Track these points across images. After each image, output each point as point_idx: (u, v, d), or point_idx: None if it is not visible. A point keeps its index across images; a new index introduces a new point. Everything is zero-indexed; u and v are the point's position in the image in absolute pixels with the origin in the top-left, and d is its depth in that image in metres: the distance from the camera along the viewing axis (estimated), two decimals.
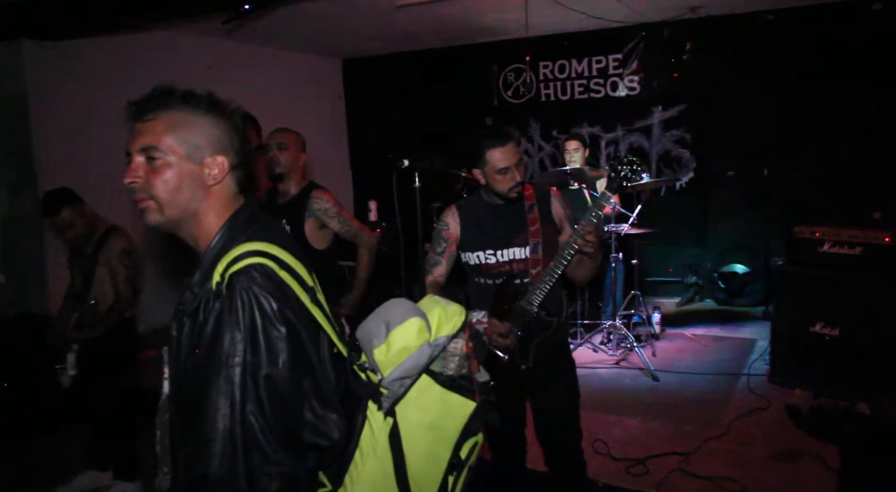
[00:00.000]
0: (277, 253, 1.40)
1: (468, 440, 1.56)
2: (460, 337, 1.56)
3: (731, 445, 3.94)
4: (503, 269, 2.75)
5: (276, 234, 1.49)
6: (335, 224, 3.43)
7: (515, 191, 2.66)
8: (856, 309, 4.33)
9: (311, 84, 8.22)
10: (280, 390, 1.32)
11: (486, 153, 2.65)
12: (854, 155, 6.18)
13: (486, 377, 1.62)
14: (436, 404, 1.51)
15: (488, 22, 6.58)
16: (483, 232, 2.78)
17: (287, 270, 1.39)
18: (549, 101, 7.60)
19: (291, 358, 1.33)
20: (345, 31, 6.72)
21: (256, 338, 1.31)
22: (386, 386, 1.50)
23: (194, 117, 1.46)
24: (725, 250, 6.95)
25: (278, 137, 3.47)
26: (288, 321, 1.34)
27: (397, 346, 1.49)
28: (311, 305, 1.41)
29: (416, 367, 1.50)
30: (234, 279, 1.34)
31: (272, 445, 1.29)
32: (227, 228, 1.47)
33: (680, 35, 6.74)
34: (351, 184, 8.78)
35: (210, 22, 5.50)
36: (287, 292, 1.37)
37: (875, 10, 6.02)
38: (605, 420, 4.34)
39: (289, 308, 1.35)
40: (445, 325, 1.55)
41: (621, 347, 5.55)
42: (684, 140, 7.07)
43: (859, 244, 4.40)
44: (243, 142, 1.52)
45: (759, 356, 5.23)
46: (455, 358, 1.56)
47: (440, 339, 1.53)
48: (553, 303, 2.71)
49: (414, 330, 1.51)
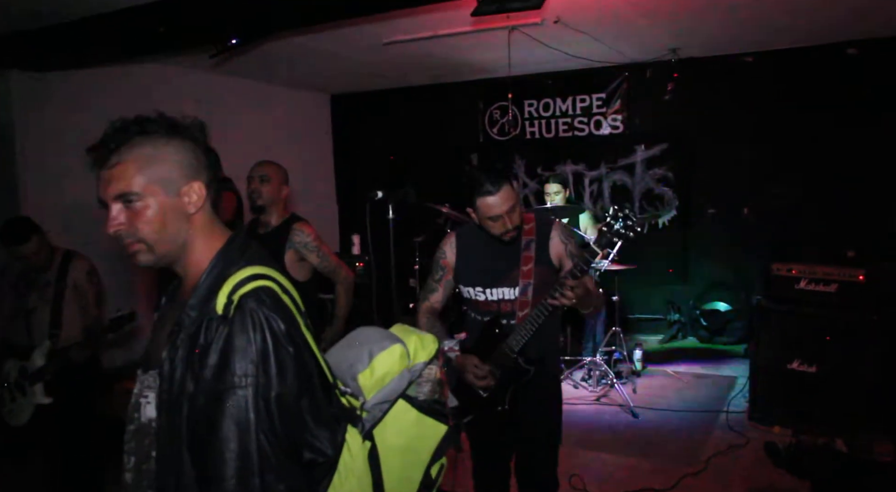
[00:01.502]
0: (277, 277, 1.44)
1: (437, 462, 1.62)
2: (434, 363, 1.63)
3: (709, 482, 3.92)
4: (491, 307, 2.70)
5: (268, 260, 1.52)
6: (314, 258, 3.44)
7: (508, 236, 2.59)
8: (832, 346, 4.36)
9: (299, 119, 8.30)
10: (289, 408, 1.35)
11: (477, 200, 2.55)
12: (832, 194, 6.27)
13: (455, 403, 1.69)
14: (411, 427, 1.57)
15: (473, 60, 6.69)
16: (476, 267, 2.73)
17: (286, 294, 1.43)
18: (534, 139, 7.70)
19: (298, 377, 1.37)
20: (333, 66, 6.82)
21: (268, 358, 1.33)
22: (367, 409, 1.53)
23: (158, 149, 1.44)
24: (708, 288, 6.98)
25: (260, 169, 3.50)
26: (295, 341, 1.38)
27: (381, 371, 1.53)
28: (304, 329, 1.44)
29: (396, 391, 1.55)
30: (244, 301, 1.36)
31: (282, 461, 1.32)
32: (223, 253, 1.49)
33: (662, 75, 6.86)
34: (337, 218, 8.80)
35: (197, 55, 5.58)
36: (290, 314, 1.41)
37: (850, 54, 6.17)
38: (584, 456, 4.31)
39: (293, 330, 1.39)
40: (422, 351, 1.60)
41: (602, 383, 5.54)
42: (667, 178, 7.15)
43: (835, 281, 4.44)
44: (208, 153, 1.52)
45: (738, 393, 5.23)
46: (428, 383, 1.62)
47: (417, 365, 1.59)
48: (535, 350, 2.62)
49: (396, 356, 1.55)
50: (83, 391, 3.65)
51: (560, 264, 2.65)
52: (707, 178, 7.00)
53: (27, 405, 3.49)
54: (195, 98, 6.44)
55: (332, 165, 8.93)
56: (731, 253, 6.88)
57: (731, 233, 6.85)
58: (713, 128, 6.88)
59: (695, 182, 7.08)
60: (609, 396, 5.39)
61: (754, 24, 5.49)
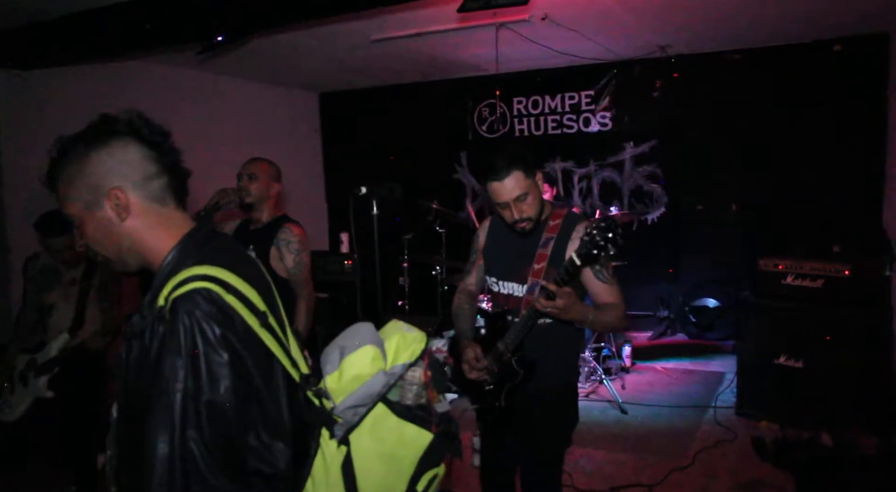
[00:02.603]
0: (224, 276, 1.38)
1: (426, 473, 1.50)
2: (419, 365, 1.51)
3: (696, 476, 3.93)
4: (500, 301, 2.63)
5: (229, 256, 1.48)
6: (289, 260, 3.38)
7: (520, 227, 2.43)
8: (818, 341, 4.38)
9: (288, 117, 8.27)
10: (222, 417, 1.30)
11: (486, 185, 2.40)
12: (819, 190, 6.31)
13: (445, 408, 1.56)
14: (391, 434, 1.46)
15: (461, 57, 6.69)
16: (496, 257, 2.65)
17: (234, 294, 1.37)
18: (523, 136, 7.69)
19: (234, 385, 1.31)
20: (321, 64, 6.80)
21: (198, 364, 1.29)
22: (339, 414, 1.46)
23: (81, 164, 1.44)
24: (697, 284, 7.00)
25: (249, 167, 3.50)
26: (231, 347, 1.32)
27: (350, 373, 1.46)
28: (260, 330, 1.39)
29: (371, 395, 1.45)
30: (177, 304, 1.32)
31: (213, 471, 1.27)
32: (178, 250, 1.46)
33: (650, 73, 6.88)
34: (326, 216, 8.79)
35: (184, 53, 5.56)
36: (232, 317, 1.35)
37: (836, 50, 6.19)
38: (572, 452, 4.30)
39: (233, 334, 1.33)
40: (403, 352, 1.50)
41: (591, 379, 5.55)
42: (655, 175, 7.16)
43: (821, 276, 4.46)
44: (154, 145, 1.46)
45: (725, 388, 5.25)
46: (413, 387, 1.51)
47: (396, 367, 1.49)
48: (532, 353, 2.50)
49: (367, 358, 1.47)
50: (86, 388, 3.65)
51: None
52: (696, 174, 7.02)
53: (25, 398, 3.47)
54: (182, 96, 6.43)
55: (321, 164, 8.91)
56: (719, 249, 6.90)
57: (720, 229, 6.87)
58: (702, 125, 6.89)
59: (684, 179, 7.10)
60: (598, 392, 5.41)
61: (742, 21, 5.50)
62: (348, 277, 6.02)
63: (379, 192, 2.74)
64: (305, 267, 3.44)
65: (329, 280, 6.11)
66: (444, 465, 1.56)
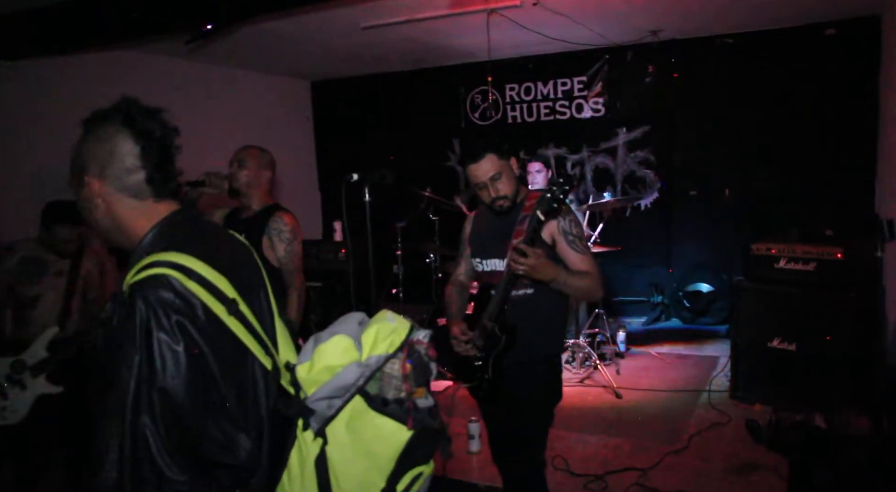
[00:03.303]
0: (188, 263, 1.37)
1: (409, 471, 1.45)
2: (398, 357, 1.45)
3: (691, 459, 3.95)
4: (483, 278, 2.79)
5: (201, 242, 1.47)
6: (280, 249, 3.35)
7: (497, 205, 2.66)
8: (811, 324, 4.40)
9: (280, 106, 8.23)
10: (176, 405, 1.29)
11: (466, 170, 2.68)
12: (810, 173, 6.33)
13: (429, 403, 1.49)
14: (367, 428, 1.42)
15: (453, 44, 6.65)
16: (478, 239, 2.85)
17: (198, 281, 1.35)
18: (516, 123, 7.68)
19: (189, 373, 1.30)
20: (311, 52, 6.76)
21: (152, 351, 1.29)
22: (312, 405, 1.42)
23: (77, 144, 1.50)
24: (690, 270, 7.01)
25: (239, 154, 3.48)
26: (187, 335, 1.31)
27: (320, 364, 1.42)
28: (227, 318, 1.37)
29: (344, 387, 1.40)
30: (135, 290, 1.32)
31: (166, 460, 1.26)
32: (150, 236, 1.46)
33: (643, 58, 6.86)
34: (319, 205, 8.76)
35: (173, 42, 5.51)
36: (192, 304, 1.33)
37: (829, 34, 6.19)
38: (567, 437, 4.33)
39: (191, 321, 1.32)
40: (380, 344, 1.44)
41: (585, 365, 5.57)
42: (648, 161, 7.17)
43: (813, 260, 4.47)
44: (143, 138, 1.46)
45: (719, 372, 5.27)
46: (393, 380, 1.45)
47: (372, 359, 1.43)
48: (512, 320, 2.63)
49: (338, 348, 1.42)
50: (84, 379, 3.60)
51: (553, 241, 2.64)
52: (688, 160, 7.02)
53: (26, 400, 3.35)
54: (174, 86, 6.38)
55: (313, 153, 8.89)
56: (713, 235, 6.92)
57: (713, 215, 6.88)
58: (694, 110, 6.89)
59: (676, 164, 7.10)
60: (593, 377, 5.42)
61: (734, 5, 5.49)
62: (342, 266, 6.02)
63: (371, 178, 2.73)
64: (297, 256, 3.42)
65: (322, 269, 6.11)
66: (434, 463, 1.50)
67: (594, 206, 5.72)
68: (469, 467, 4.01)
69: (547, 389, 2.76)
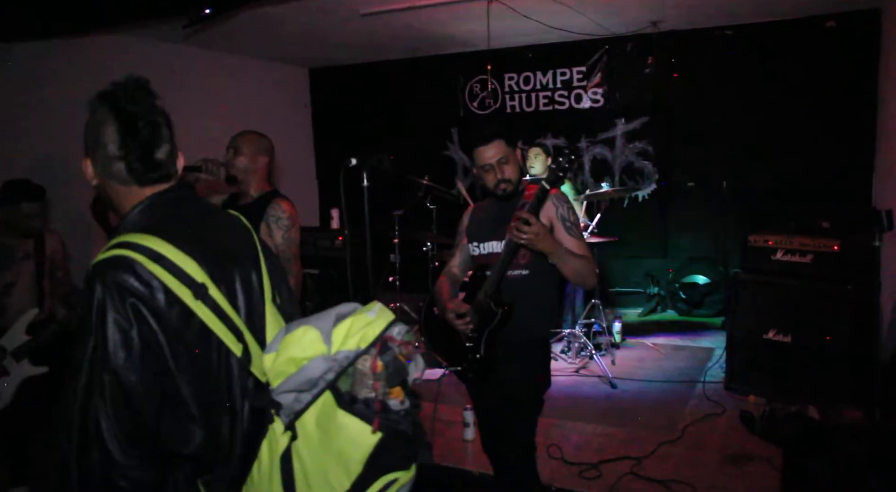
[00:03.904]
0: (154, 245, 1.35)
1: (382, 476, 1.34)
2: (370, 354, 1.34)
3: (685, 449, 3.97)
4: (481, 261, 2.82)
5: (181, 223, 1.45)
6: (278, 236, 3.32)
7: (501, 188, 2.72)
8: (807, 316, 4.40)
9: (278, 92, 8.20)
10: (127, 389, 1.28)
11: (473, 151, 2.73)
12: (808, 166, 6.33)
13: (403, 406, 1.37)
14: (335, 427, 1.33)
15: (452, 32, 6.62)
16: (479, 227, 2.88)
17: (163, 264, 1.34)
18: (515, 113, 7.66)
19: (142, 357, 1.29)
20: (310, 38, 6.72)
21: (106, 333, 1.28)
22: (278, 398, 1.35)
23: (84, 128, 1.50)
24: (687, 261, 7.02)
25: (236, 140, 3.45)
26: (141, 319, 1.30)
27: (285, 355, 1.35)
28: (193, 302, 1.35)
29: (310, 381, 1.31)
30: (95, 271, 1.32)
31: (115, 445, 1.26)
32: (129, 218, 1.46)
33: (642, 49, 6.84)
34: (317, 193, 8.75)
35: (170, 27, 5.46)
36: (152, 287, 1.32)
37: (829, 26, 6.18)
38: (562, 426, 4.35)
39: (148, 305, 1.31)
40: (352, 337, 1.34)
41: (581, 355, 5.58)
42: (647, 152, 7.16)
43: (810, 252, 4.48)
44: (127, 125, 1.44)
45: (715, 364, 5.29)
46: (364, 378, 1.35)
47: (341, 353, 1.33)
48: (509, 297, 2.65)
49: (304, 340, 1.34)
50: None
51: (551, 226, 2.69)
52: (687, 151, 7.02)
53: (10, 385, 3.35)
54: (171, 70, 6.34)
55: (311, 140, 8.86)
56: (710, 226, 6.93)
57: (711, 206, 6.88)
58: (693, 101, 6.88)
59: (675, 156, 7.10)
60: (588, 367, 5.44)
61: None
62: (339, 253, 6.01)
63: (369, 163, 2.71)
64: (294, 243, 3.40)
65: (320, 256, 6.10)
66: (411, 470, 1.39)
67: (592, 196, 5.71)
68: (464, 455, 4.02)
69: (538, 371, 2.78)
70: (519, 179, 2.77)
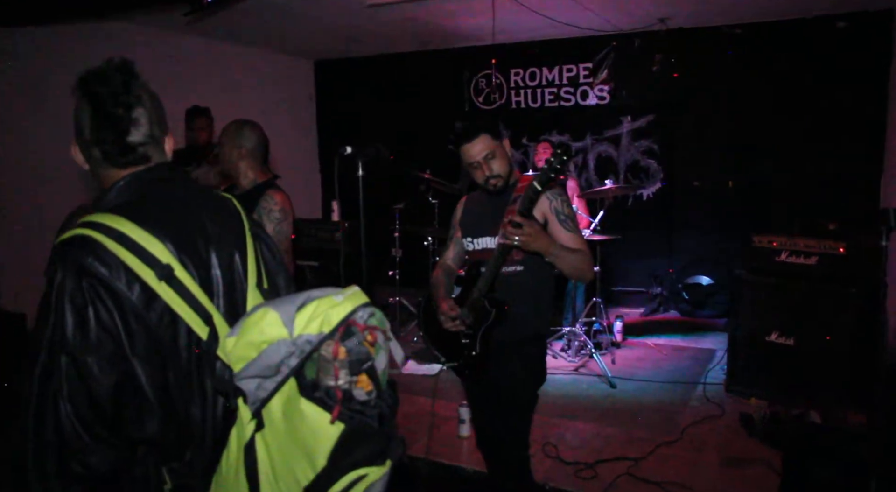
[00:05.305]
0: (118, 225, 1.32)
1: (349, 472, 1.24)
2: (333, 338, 1.25)
3: (683, 451, 3.91)
4: (474, 257, 2.78)
5: (152, 203, 1.42)
6: (269, 229, 3.18)
7: (491, 184, 2.65)
8: (810, 319, 4.34)
9: (282, 84, 8.15)
10: (84, 371, 1.25)
11: (460, 149, 2.67)
12: (816, 167, 6.25)
13: (370, 396, 1.27)
14: (298, 414, 1.25)
15: (458, 26, 6.56)
16: (470, 219, 2.85)
17: (126, 245, 1.31)
18: (520, 109, 7.60)
19: (98, 339, 1.27)
20: (315, 30, 6.67)
21: (63, 313, 1.26)
22: (239, 384, 1.26)
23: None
24: (691, 262, 6.95)
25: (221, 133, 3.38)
26: (99, 300, 1.27)
27: (245, 338, 1.26)
28: (157, 284, 1.32)
29: (271, 367, 1.23)
30: (54, 252, 1.30)
31: (71, 427, 1.23)
32: (100, 199, 1.44)
33: (650, 46, 6.77)
34: (320, 186, 8.70)
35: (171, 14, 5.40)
36: (113, 267, 1.29)
37: (839, 27, 6.09)
38: (559, 425, 4.30)
39: (105, 286, 1.28)
40: (314, 321, 1.24)
41: (581, 354, 5.53)
42: (652, 150, 7.09)
43: (815, 254, 4.41)
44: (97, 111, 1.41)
45: (716, 365, 5.22)
46: (327, 365, 1.25)
47: (302, 337, 1.24)
48: (504, 295, 2.62)
49: (261, 323, 1.24)
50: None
51: (545, 220, 2.63)
52: (692, 150, 6.95)
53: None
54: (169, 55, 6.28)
55: (315, 132, 8.81)
56: (714, 227, 6.85)
57: (716, 206, 6.81)
58: (700, 100, 6.81)
59: (680, 155, 7.03)
60: (588, 366, 5.38)
61: None
62: (338, 246, 5.95)
63: (365, 152, 2.64)
64: (286, 237, 3.32)
65: (319, 248, 6.04)
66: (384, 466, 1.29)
67: (595, 192, 5.65)
68: (459, 452, 3.97)
69: (533, 368, 2.74)
70: (509, 171, 2.70)
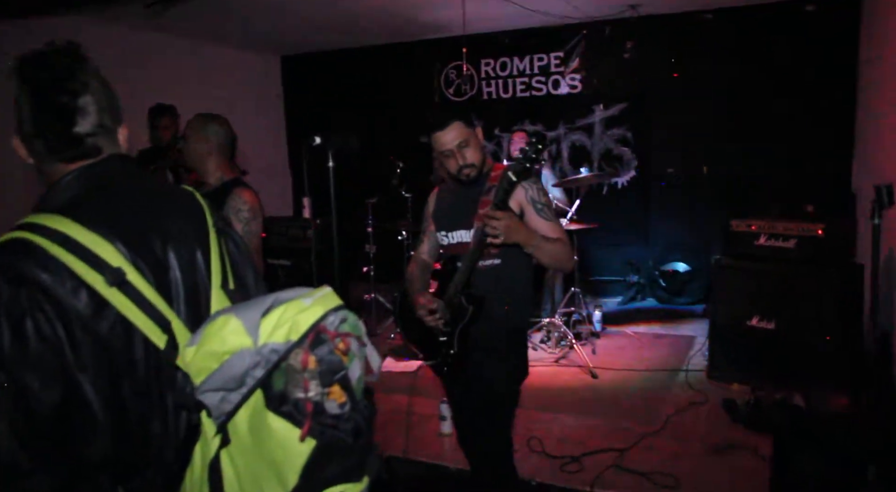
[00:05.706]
0: (60, 226, 1.20)
1: (322, 491, 1.16)
2: (301, 347, 1.14)
3: (668, 440, 3.87)
4: (450, 251, 2.68)
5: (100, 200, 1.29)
6: (238, 229, 3.11)
7: (464, 174, 2.56)
8: (790, 302, 4.32)
9: (249, 80, 7.98)
10: (20, 387, 1.13)
11: (431, 136, 2.57)
12: (790, 152, 6.26)
13: (344, 410, 1.17)
14: (266, 430, 1.15)
15: (427, 17, 6.46)
16: (443, 212, 2.77)
17: (69, 248, 1.18)
18: (492, 99, 7.53)
19: (37, 352, 1.14)
20: (282, 22, 6.51)
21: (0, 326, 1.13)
22: (201, 397, 1.16)
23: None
24: (667, 249, 6.93)
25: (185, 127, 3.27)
26: (38, 310, 1.14)
27: (205, 348, 1.16)
28: (107, 290, 1.19)
29: (234, 379, 1.13)
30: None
31: (8, 448, 1.11)
32: (43, 197, 1.30)
33: (621, 34, 6.73)
34: (290, 184, 8.55)
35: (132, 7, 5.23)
36: (53, 274, 1.16)
37: (808, 11, 6.10)
38: (542, 418, 4.23)
39: (46, 294, 1.15)
40: (280, 329, 1.14)
41: (561, 345, 5.47)
42: (625, 139, 7.06)
43: (793, 237, 4.39)
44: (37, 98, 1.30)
45: (696, 352, 5.20)
46: (297, 375, 1.15)
47: (267, 346, 1.14)
48: (481, 290, 2.54)
49: (223, 331, 1.15)
50: None
51: (521, 211, 2.55)
52: (666, 137, 6.92)
53: None
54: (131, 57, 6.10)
55: (284, 130, 8.65)
56: (690, 213, 6.84)
57: (691, 193, 6.80)
58: (672, 87, 6.78)
59: (654, 142, 7.00)
60: (568, 357, 5.32)
61: None
62: (310, 244, 5.82)
63: (335, 142, 2.54)
64: (255, 236, 3.19)
65: (291, 247, 5.90)
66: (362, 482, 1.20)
67: (570, 181, 5.59)
68: (441, 450, 3.88)
69: (514, 363, 2.66)
70: (483, 160, 2.61)
